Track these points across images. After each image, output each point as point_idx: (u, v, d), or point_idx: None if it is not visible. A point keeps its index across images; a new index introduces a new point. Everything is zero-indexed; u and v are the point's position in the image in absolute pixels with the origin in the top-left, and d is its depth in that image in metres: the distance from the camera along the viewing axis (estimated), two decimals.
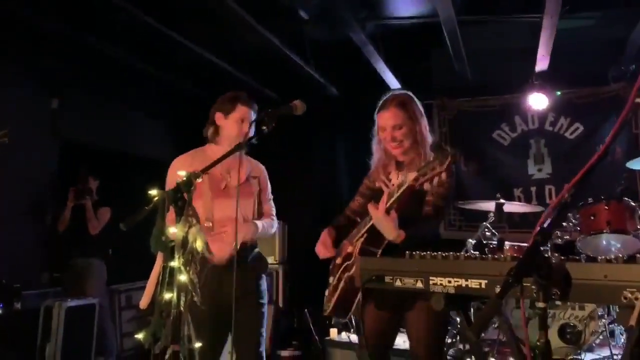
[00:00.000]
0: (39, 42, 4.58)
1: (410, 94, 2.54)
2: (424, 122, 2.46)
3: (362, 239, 2.33)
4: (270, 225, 2.87)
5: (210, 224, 2.63)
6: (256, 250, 2.83)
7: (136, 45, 4.88)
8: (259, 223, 2.77)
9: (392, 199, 2.16)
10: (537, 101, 5.44)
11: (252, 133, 2.60)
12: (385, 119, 2.43)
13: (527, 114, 5.79)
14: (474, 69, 5.50)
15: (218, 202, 2.67)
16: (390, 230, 2.18)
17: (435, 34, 4.81)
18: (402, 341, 4.04)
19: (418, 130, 2.40)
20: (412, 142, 2.39)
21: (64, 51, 4.76)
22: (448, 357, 4.26)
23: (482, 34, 5.24)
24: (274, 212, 2.94)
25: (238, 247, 2.50)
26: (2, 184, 4.42)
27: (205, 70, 5.39)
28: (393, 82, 5.67)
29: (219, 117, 2.77)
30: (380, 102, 2.50)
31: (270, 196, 2.97)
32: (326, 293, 2.46)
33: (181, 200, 1.88)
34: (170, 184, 2.57)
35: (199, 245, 1.88)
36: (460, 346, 4.34)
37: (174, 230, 1.86)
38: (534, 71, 5.26)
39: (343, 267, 2.40)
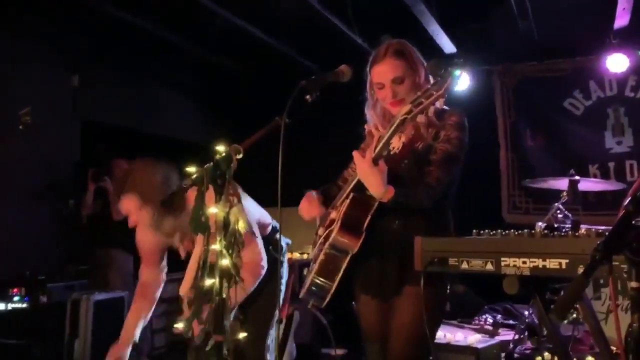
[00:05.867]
0: (56, 15, 4.71)
1: (405, 41, 2.33)
2: (424, 72, 2.25)
3: (347, 202, 2.17)
4: None
5: None
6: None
7: (162, 14, 4.96)
8: None
9: (382, 142, 2.03)
10: (616, 63, 5.28)
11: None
12: (383, 73, 2.23)
13: (604, 78, 5.63)
14: (540, 27, 5.35)
15: None
16: (376, 184, 2.02)
17: None
18: (442, 335, 4.08)
19: (419, 82, 2.21)
20: None
21: (83, 23, 4.87)
22: (515, 356, 4.23)
23: None
24: None
25: None
26: (22, 167, 4.59)
27: (238, 40, 5.43)
28: (448, 45, 5.59)
29: None
30: (373, 55, 2.31)
31: None
32: (304, 272, 2.28)
33: (221, 177, 1.92)
34: None
35: (241, 226, 1.92)
36: (529, 343, 4.31)
37: (214, 211, 1.90)
38: (612, 28, 5.09)
39: (324, 237, 2.27)
